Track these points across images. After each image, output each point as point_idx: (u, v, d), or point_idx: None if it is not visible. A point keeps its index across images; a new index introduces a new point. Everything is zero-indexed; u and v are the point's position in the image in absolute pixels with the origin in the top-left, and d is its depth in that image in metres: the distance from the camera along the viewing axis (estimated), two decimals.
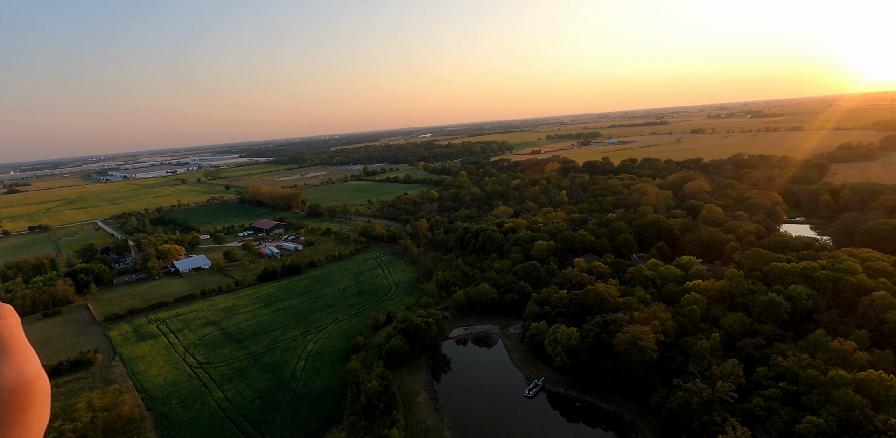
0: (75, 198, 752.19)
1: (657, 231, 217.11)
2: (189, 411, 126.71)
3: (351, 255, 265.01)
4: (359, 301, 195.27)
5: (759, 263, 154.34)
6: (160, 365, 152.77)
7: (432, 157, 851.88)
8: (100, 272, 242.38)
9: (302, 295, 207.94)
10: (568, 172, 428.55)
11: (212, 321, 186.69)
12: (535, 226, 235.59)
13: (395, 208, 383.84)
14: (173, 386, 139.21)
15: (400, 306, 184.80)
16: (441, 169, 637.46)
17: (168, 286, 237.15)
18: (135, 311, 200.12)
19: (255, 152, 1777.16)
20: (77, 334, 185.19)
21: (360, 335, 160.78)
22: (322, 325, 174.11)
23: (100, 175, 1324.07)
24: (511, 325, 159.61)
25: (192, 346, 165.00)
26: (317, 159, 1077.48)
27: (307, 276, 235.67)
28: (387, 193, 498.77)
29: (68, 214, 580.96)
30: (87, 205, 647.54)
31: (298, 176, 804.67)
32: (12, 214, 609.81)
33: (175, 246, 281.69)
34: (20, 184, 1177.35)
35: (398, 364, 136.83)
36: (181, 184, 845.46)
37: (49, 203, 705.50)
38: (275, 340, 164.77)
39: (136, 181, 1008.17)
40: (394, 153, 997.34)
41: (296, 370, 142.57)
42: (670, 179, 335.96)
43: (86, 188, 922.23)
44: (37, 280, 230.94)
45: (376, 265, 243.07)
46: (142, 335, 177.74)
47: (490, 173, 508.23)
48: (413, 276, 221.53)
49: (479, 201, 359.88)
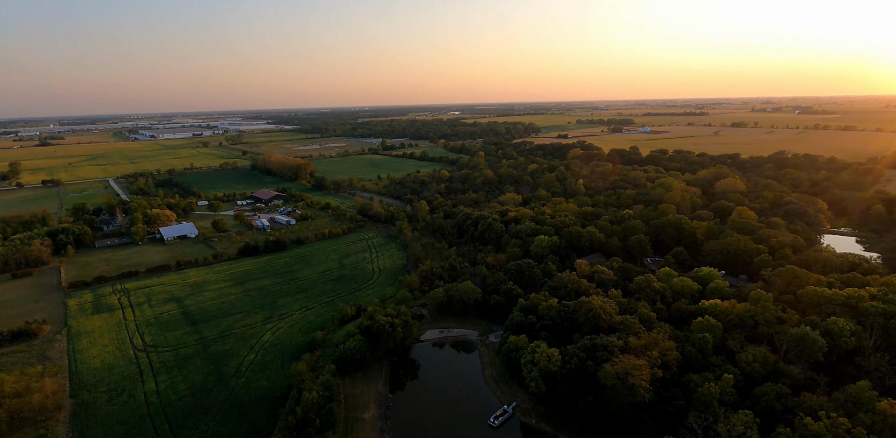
0: (99, 154, 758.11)
1: (677, 234, 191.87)
2: (113, 403, 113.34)
3: (342, 234, 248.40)
4: (335, 288, 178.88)
5: (794, 284, 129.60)
6: (104, 344, 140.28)
7: (455, 134, 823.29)
8: (81, 234, 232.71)
9: (278, 275, 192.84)
10: (591, 159, 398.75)
11: (176, 297, 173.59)
12: (540, 218, 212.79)
13: (403, 186, 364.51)
14: (108, 371, 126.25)
15: (376, 297, 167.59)
16: (460, 148, 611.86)
17: (147, 254, 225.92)
18: (102, 279, 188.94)
19: (282, 120, 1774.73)
20: (37, 299, 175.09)
21: (323, 328, 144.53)
22: (288, 312, 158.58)
23: (130, 133, 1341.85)
24: (494, 331, 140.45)
25: (146, 324, 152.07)
26: (339, 130, 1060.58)
27: (290, 254, 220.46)
28: (399, 169, 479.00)
29: (86, 170, 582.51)
30: (108, 162, 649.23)
31: (317, 146, 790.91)
32: (36, 166, 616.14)
33: (166, 211, 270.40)
34: (54, 137, 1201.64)
35: (353, 369, 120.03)
36: (202, 147, 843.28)
37: (73, 158, 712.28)
38: (232, 325, 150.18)
39: (161, 141, 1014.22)
40: (417, 129, 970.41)
41: (242, 365, 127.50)
42: (701, 174, 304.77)
43: (112, 145, 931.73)
44: (15, 238, 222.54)
45: (366, 248, 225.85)
46: (99, 307, 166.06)
47: (509, 156, 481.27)
48: (401, 263, 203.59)
49: (491, 185, 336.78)
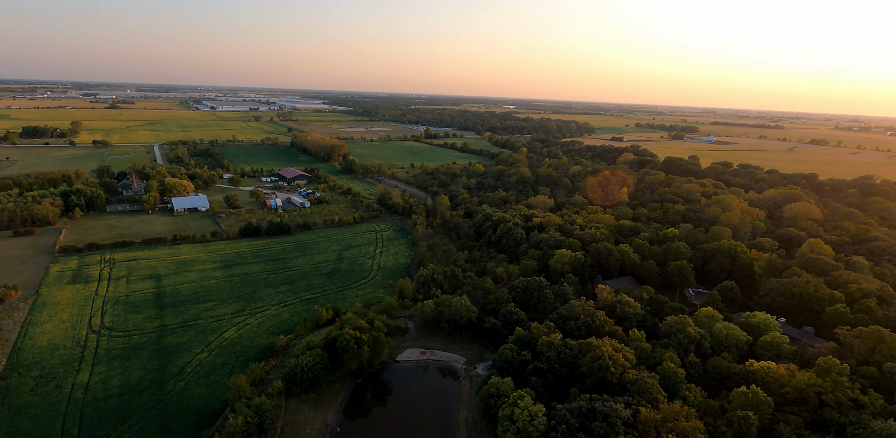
0: (157, 120, 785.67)
1: (729, 264, 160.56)
2: (36, 392, 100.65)
3: (353, 223, 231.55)
4: (323, 283, 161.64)
5: (880, 352, 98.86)
6: (62, 320, 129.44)
7: (503, 128, 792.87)
8: (93, 197, 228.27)
9: (269, 262, 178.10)
10: (641, 166, 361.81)
11: (157, 274, 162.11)
12: (567, 227, 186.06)
13: (433, 177, 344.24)
14: (50, 353, 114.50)
15: (363, 299, 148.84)
16: (504, 142, 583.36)
17: (151, 224, 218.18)
18: (94, 246, 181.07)
19: (337, 101, 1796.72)
20: (24, 261, 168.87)
21: (292, 332, 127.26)
22: (263, 307, 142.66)
23: (194, 103, 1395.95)
24: (484, 360, 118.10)
25: (114, 302, 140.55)
26: (388, 115, 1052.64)
27: (292, 239, 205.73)
28: (436, 158, 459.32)
29: (140, 134, 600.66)
30: (162, 128, 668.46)
31: (362, 129, 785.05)
32: (96, 127, 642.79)
33: (184, 182, 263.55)
34: (126, 102, 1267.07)
35: (305, 389, 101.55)
36: (253, 121, 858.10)
37: (132, 122, 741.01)
38: (199, 315, 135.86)
39: (218, 113, 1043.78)
40: (466, 119, 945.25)
41: (189, 365, 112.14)
42: (768, 194, 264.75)
43: (172, 113, 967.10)
44: (28, 195, 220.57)
45: (372, 241, 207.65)
46: (77, 277, 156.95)
47: (554, 155, 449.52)
48: (405, 262, 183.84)
49: (525, 184, 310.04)
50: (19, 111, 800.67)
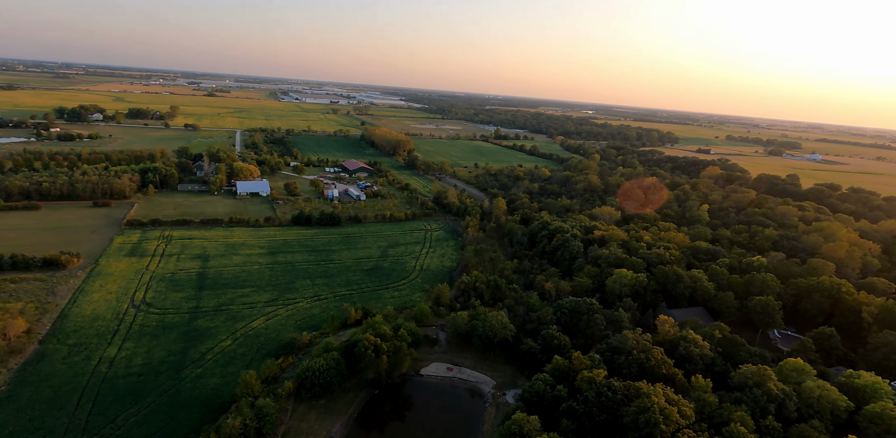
0: (245, 109, 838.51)
1: (829, 306, 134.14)
2: (66, 361, 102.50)
3: (404, 219, 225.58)
4: (362, 280, 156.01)
5: None
6: (109, 291, 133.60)
7: (577, 133, 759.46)
8: (167, 176, 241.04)
9: (313, 252, 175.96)
10: (728, 182, 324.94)
11: (206, 255, 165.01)
12: (633, 244, 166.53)
13: (495, 179, 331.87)
14: (90, 323, 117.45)
15: (397, 301, 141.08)
16: (577, 147, 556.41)
17: (213, 205, 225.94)
18: (157, 222, 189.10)
19: (414, 98, 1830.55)
20: (94, 231, 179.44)
21: (318, 329, 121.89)
22: (297, 298, 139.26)
23: (282, 94, 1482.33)
24: (517, 385, 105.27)
25: (159, 279, 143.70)
26: (461, 114, 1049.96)
27: (340, 231, 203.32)
28: (501, 160, 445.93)
29: (228, 120, 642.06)
30: (247, 116, 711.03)
31: (433, 126, 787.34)
32: (192, 112, 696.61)
33: (251, 167, 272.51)
34: (222, 91, 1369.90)
35: (316, 394, 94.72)
36: (331, 113, 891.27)
37: (223, 109, 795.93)
38: (234, 300, 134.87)
39: (301, 104, 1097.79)
40: (540, 122, 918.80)
41: (210, 352, 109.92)
42: (885, 226, 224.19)
43: (260, 102, 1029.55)
44: (113, 170, 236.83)
45: (420, 240, 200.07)
46: (135, 250, 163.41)
47: (629, 164, 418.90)
48: (450, 265, 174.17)
49: (592, 193, 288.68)
50: (132, 95, 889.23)
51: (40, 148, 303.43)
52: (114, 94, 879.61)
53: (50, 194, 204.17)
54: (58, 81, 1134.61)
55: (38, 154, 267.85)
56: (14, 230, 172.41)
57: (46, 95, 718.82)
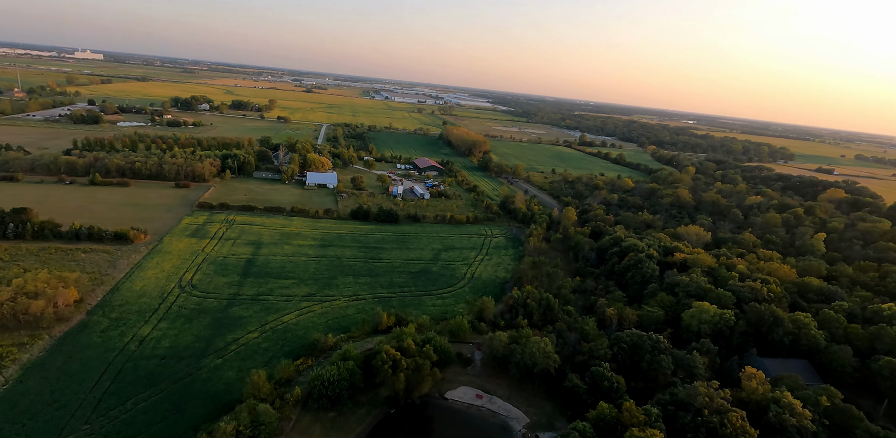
0: (336, 105, 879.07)
1: None
2: (103, 335, 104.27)
3: (465, 222, 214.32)
4: (406, 282, 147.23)
5: None
6: (163, 269, 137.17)
7: (672, 143, 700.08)
8: (245, 162, 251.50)
9: (363, 249, 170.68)
10: (855, 208, 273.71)
11: (260, 242, 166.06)
12: (721, 273, 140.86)
13: (571, 186, 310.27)
14: (136, 299, 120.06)
15: (437, 311, 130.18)
16: (669, 159, 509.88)
17: (282, 193, 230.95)
18: (225, 206, 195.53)
19: (501, 101, 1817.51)
20: (169, 210, 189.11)
21: (346, 331, 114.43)
22: (335, 295, 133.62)
23: (374, 93, 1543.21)
24: (553, 427, 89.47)
25: (210, 261, 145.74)
26: (546, 118, 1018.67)
27: (395, 229, 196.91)
28: (582, 167, 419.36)
29: (318, 114, 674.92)
30: (336, 112, 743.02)
31: (516, 129, 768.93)
32: (287, 106, 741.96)
33: (322, 159, 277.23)
34: (320, 88, 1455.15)
35: (326, 406, 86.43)
36: (416, 112, 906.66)
37: (316, 104, 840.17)
38: (273, 290, 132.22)
39: (389, 103, 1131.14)
40: (632, 130, 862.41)
41: (235, 343, 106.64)
42: None
43: (351, 100, 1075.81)
44: (199, 154, 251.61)
45: (477, 245, 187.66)
46: (197, 231, 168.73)
47: (729, 180, 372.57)
48: (503, 276, 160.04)
49: (681, 210, 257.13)
50: (240, 89, 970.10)
51: (149, 132, 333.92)
52: (226, 87, 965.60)
53: (141, 173, 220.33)
54: (184, 76, 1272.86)
55: (143, 137, 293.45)
56: (102, 204, 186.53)
57: (170, 87, 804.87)
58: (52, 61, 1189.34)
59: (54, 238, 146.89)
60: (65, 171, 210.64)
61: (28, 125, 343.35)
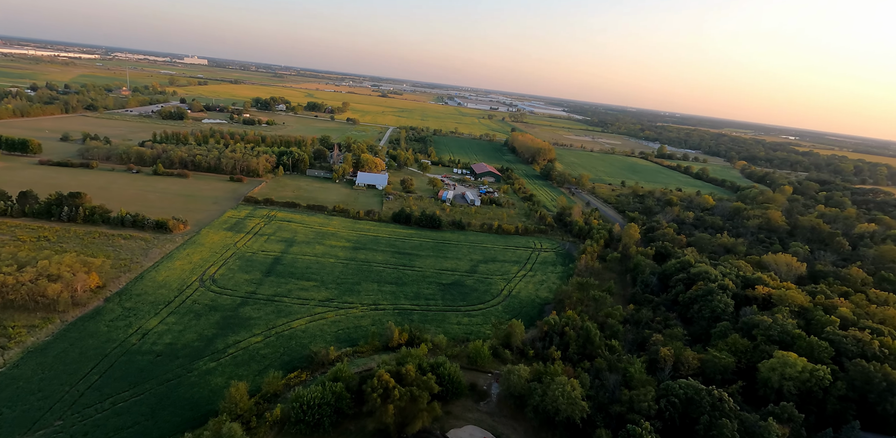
0: (407, 109, 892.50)
1: None
2: (110, 325, 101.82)
3: (512, 233, 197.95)
4: (433, 294, 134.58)
5: None
6: (190, 261, 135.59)
7: (766, 159, 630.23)
8: (298, 160, 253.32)
9: (396, 254, 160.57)
10: None
11: (292, 239, 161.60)
12: (817, 317, 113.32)
13: (640, 201, 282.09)
14: (154, 289, 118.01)
15: (463, 330, 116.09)
16: (762, 176, 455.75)
17: (328, 192, 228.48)
18: (269, 201, 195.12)
19: (578, 110, 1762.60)
20: (216, 202, 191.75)
21: (354, 345, 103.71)
22: (353, 303, 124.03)
23: (448, 99, 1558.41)
24: None
25: (238, 256, 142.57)
26: (623, 128, 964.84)
27: (436, 235, 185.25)
28: (657, 181, 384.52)
29: (387, 118, 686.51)
30: (407, 116, 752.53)
31: (588, 138, 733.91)
32: (360, 109, 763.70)
33: (376, 160, 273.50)
34: (395, 93, 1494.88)
35: (304, 432, 75.26)
36: (486, 118, 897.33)
37: (388, 108, 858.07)
38: (291, 292, 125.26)
39: (461, 109, 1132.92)
40: (719, 144, 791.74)
41: (234, 346, 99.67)
42: None
43: (423, 105, 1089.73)
44: (257, 150, 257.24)
45: (521, 259, 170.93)
46: (236, 225, 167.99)
47: (835, 203, 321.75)
48: (545, 297, 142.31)
49: (770, 234, 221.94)
50: (320, 92, 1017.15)
51: (224, 128, 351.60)
52: (307, 91, 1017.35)
53: (201, 165, 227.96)
54: (273, 79, 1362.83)
55: (215, 132, 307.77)
56: (158, 193, 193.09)
57: (257, 89, 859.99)
58: (164, 65, 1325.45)
59: (102, 223, 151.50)
60: (135, 161, 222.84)
61: (123, 119, 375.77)
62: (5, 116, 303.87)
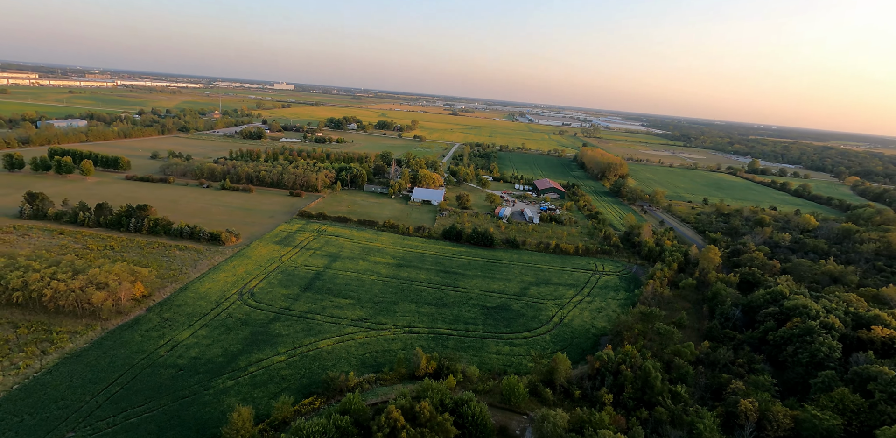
0: (475, 126, 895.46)
1: None
2: (145, 335, 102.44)
3: (571, 254, 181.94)
4: (475, 318, 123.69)
5: None
6: (234, 274, 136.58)
7: (883, 174, 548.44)
8: (357, 176, 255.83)
9: (441, 273, 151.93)
10: None
11: (337, 254, 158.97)
12: None
13: (724, 220, 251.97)
14: (194, 301, 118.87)
15: (502, 361, 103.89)
16: (879, 194, 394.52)
17: (383, 207, 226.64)
18: (322, 216, 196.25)
19: (659, 125, 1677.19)
20: (272, 216, 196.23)
21: (377, 371, 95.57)
22: (387, 324, 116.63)
23: (519, 116, 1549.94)
24: None
25: (281, 270, 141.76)
26: (709, 142, 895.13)
27: (487, 254, 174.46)
28: (747, 198, 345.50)
29: (455, 135, 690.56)
30: (475, 133, 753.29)
31: (668, 153, 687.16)
32: (429, 127, 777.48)
33: (433, 175, 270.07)
34: (467, 111, 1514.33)
35: None
36: (557, 134, 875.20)
37: (457, 126, 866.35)
38: (325, 309, 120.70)
39: (532, 125, 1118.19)
40: (824, 158, 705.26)
41: (255, 365, 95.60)
42: None
43: (492, 122, 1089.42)
44: (318, 166, 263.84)
45: (579, 283, 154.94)
46: (285, 239, 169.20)
47: None
48: (602, 326, 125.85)
49: (891, 260, 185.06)
50: (392, 112, 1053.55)
51: (295, 146, 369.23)
52: (381, 111, 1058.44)
53: (264, 180, 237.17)
54: (351, 101, 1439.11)
55: (284, 150, 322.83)
56: (221, 206, 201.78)
57: (335, 111, 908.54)
58: (256, 91, 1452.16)
59: (164, 234, 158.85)
60: (206, 176, 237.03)
61: (209, 139, 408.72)
62: (111, 137, 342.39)
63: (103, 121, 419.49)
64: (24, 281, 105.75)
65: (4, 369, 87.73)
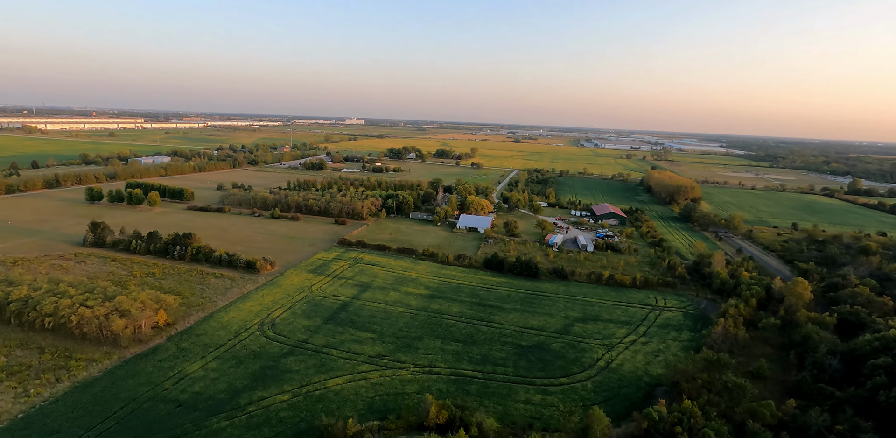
0: (537, 152, 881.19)
1: None
2: (158, 365, 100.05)
3: (627, 286, 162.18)
4: (506, 359, 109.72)
5: None
6: (261, 303, 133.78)
7: None
8: (403, 203, 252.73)
9: (476, 306, 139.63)
10: None
11: (368, 284, 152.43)
12: None
13: (818, 248, 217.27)
14: (214, 331, 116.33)
15: (532, 412, 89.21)
16: None
17: (426, 235, 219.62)
18: (361, 244, 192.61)
19: (740, 145, 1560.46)
20: (312, 243, 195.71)
21: (384, 418, 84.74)
22: (405, 362, 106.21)
23: (585, 141, 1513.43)
24: None
25: (307, 300, 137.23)
26: (799, 162, 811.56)
27: (531, 285, 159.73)
28: (846, 222, 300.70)
29: (514, 161, 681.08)
30: (536, 159, 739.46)
31: (751, 175, 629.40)
32: (488, 154, 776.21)
33: (482, 201, 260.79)
34: (530, 138, 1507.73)
35: None
36: (624, 158, 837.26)
37: (518, 152, 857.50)
38: (343, 344, 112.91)
39: (597, 149, 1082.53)
40: None
41: (255, 404, 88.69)
42: None
43: (554, 148, 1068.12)
44: (366, 194, 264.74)
45: (634, 320, 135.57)
46: (320, 268, 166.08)
47: None
48: (656, 374, 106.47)
49: None
50: (453, 141, 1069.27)
51: (352, 176, 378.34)
52: (443, 140, 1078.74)
53: (312, 209, 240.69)
54: (416, 133, 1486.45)
55: (338, 179, 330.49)
56: (266, 234, 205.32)
57: (398, 142, 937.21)
58: (328, 127, 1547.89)
59: (205, 262, 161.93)
60: (259, 205, 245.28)
61: (275, 171, 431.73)
62: (187, 171, 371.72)
63: (184, 157, 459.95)
64: (56, 307, 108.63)
65: (17, 396, 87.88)
